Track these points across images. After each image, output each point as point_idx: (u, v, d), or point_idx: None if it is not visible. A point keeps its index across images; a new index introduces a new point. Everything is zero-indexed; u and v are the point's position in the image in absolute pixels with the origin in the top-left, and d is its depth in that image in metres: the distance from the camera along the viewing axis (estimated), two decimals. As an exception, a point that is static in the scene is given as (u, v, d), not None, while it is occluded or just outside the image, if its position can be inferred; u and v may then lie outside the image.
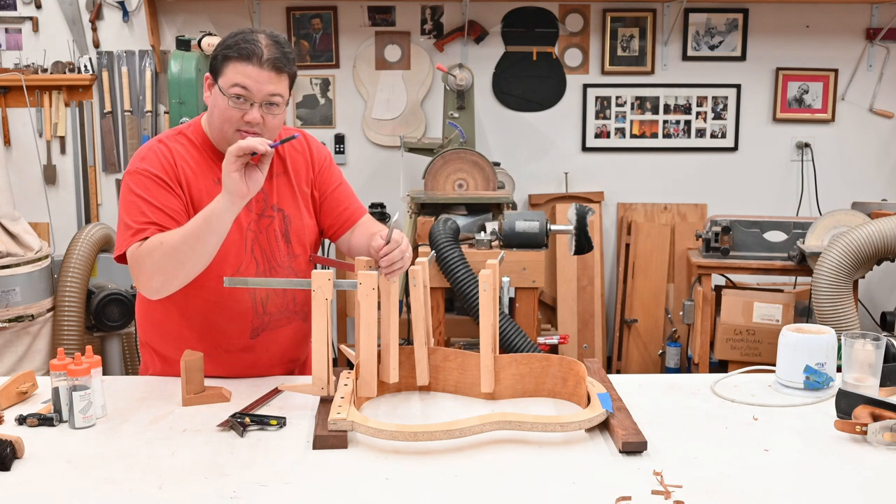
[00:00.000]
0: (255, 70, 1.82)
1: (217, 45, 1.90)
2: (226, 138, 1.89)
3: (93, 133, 4.53)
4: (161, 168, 1.87)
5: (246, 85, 1.82)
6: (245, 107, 1.84)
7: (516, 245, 3.18)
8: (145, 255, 1.79)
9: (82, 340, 3.73)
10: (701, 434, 1.66)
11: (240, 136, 1.86)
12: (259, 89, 1.83)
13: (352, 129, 4.62)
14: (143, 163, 1.88)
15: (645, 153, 4.68)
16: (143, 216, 1.82)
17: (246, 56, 1.82)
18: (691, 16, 4.56)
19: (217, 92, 1.86)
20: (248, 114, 1.85)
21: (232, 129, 1.87)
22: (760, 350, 3.92)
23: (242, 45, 1.82)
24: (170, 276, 1.80)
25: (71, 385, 1.66)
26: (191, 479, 1.45)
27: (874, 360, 1.80)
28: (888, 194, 4.63)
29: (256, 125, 1.85)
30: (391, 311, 1.81)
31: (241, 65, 1.82)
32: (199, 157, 1.93)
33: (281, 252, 2.01)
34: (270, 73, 1.83)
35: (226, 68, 1.84)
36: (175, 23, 4.46)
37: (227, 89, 1.84)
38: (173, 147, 1.92)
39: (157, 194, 1.85)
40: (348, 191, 2.14)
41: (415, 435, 1.56)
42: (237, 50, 1.83)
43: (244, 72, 1.82)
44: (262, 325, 2.00)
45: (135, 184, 1.86)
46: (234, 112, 1.85)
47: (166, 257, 1.77)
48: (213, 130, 1.92)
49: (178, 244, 1.77)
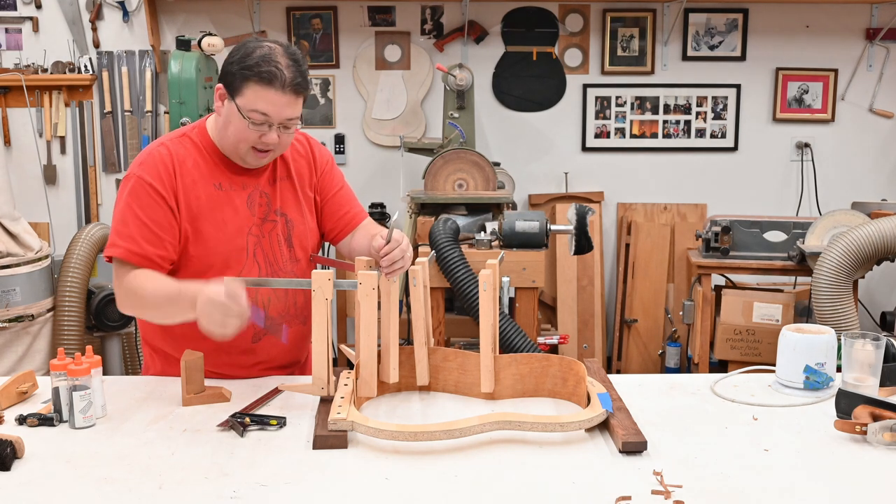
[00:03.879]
0: (276, 95, 1.81)
1: (234, 56, 1.85)
2: (239, 155, 1.91)
3: (93, 133, 4.53)
4: (157, 177, 1.87)
5: (267, 112, 1.82)
6: (263, 129, 1.84)
7: (516, 245, 3.18)
8: (123, 288, 1.87)
9: (82, 340, 3.73)
10: (701, 434, 1.66)
11: (254, 153, 1.89)
12: (279, 114, 1.83)
13: (352, 129, 4.62)
14: (141, 169, 1.88)
15: (645, 153, 4.68)
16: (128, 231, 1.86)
17: (268, 80, 1.80)
18: (691, 16, 4.56)
19: (234, 110, 1.84)
20: (265, 136, 1.85)
21: (247, 147, 1.88)
22: (760, 350, 3.92)
23: (264, 69, 1.79)
24: (138, 314, 1.97)
25: (71, 385, 1.66)
26: (191, 479, 1.45)
27: (874, 360, 1.80)
28: (888, 194, 4.63)
29: (273, 144, 1.87)
30: (391, 311, 1.81)
31: (262, 89, 1.80)
32: (202, 161, 1.93)
33: (283, 256, 2.01)
34: (291, 98, 1.83)
35: (245, 89, 1.82)
36: (175, 23, 4.46)
37: (246, 112, 1.82)
38: (176, 151, 1.92)
39: (149, 209, 1.86)
40: (349, 194, 2.14)
41: (415, 435, 1.56)
42: (258, 73, 1.80)
43: (266, 98, 1.81)
44: (263, 329, 2.00)
45: (130, 192, 1.88)
46: (252, 134, 1.85)
47: (136, 306, 1.89)
48: (226, 144, 1.92)
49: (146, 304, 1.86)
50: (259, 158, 1.91)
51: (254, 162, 1.92)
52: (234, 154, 1.92)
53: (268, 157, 1.93)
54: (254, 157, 1.91)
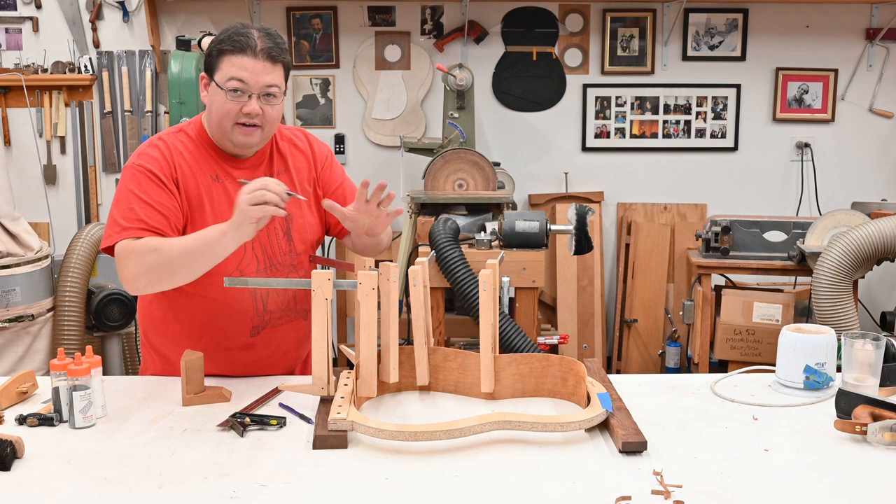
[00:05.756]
0: (250, 61, 1.84)
1: (210, 43, 1.91)
2: (225, 133, 1.90)
3: (93, 133, 4.53)
4: (157, 165, 1.88)
5: (242, 77, 1.84)
6: (243, 99, 1.86)
7: (516, 245, 3.18)
8: (136, 255, 1.79)
9: (82, 340, 3.73)
10: (701, 434, 1.66)
11: (239, 129, 1.88)
12: (256, 80, 1.84)
13: (352, 129, 4.62)
14: (139, 159, 1.90)
15: (645, 153, 4.68)
16: (132, 213, 1.84)
17: (240, 48, 1.83)
18: (691, 16, 4.56)
19: (214, 88, 1.87)
20: (246, 105, 1.86)
21: (231, 122, 1.88)
22: (760, 350, 3.92)
23: (236, 38, 1.84)
24: (156, 281, 1.82)
25: (71, 385, 1.66)
26: (191, 479, 1.45)
27: (874, 360, 1.80)
28: (888, 194, 4.63)
29: (256, 116, 1.87)
30: (391, 311, 1.81)
31: (235, 57, 1.84)
32: (197, 153, 1.94)
33: (282, 250, 2.01)
34: (266, 64, 1.85)
35: (221, 63, 1.85)
36: (175, 23, 4.46)
37: (223, 83, 1.85)
38: (171, 144, 1.93)
39: (151, 190, 1.85)
40: (351, 188, 2.15)
41: (415, 435, 1.56)
42: (230, 43, 1.84)
43: (240, 64, 1.84)
44: (262, 324, 2.00)
45: (129, 179, 1.88)
46: (233, 105, 1.86)
47: (159, 265, 1.79)
48: (213, 127, 1.93)
49: (174, 257, 1.78)
50: (246, 135, 1.89)
51: (242, 139, 1.90)
52: (222, 137, 1.92)
53: (255, 135, 1.90)
54: (241, 134, 1.89)
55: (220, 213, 1.92)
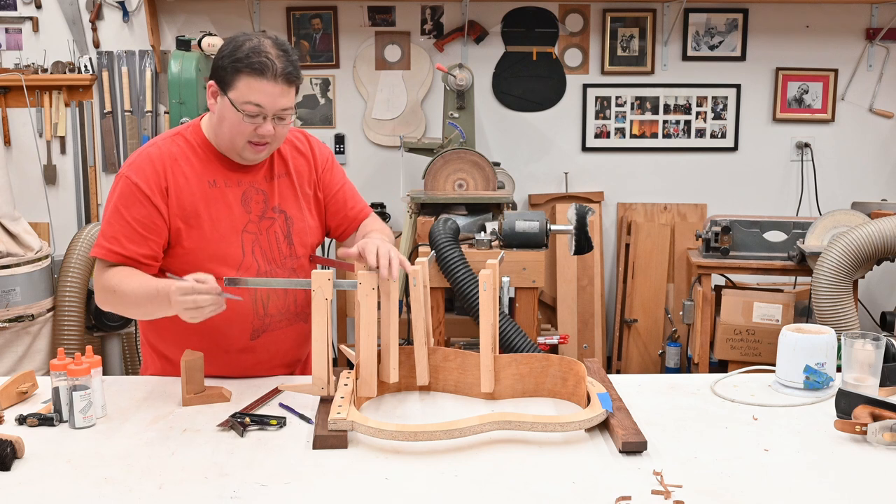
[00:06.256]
0: (269, 85, 1.81)
1: (223, 51, 1.86)
2: (235, 149, 1.91)
3: (93, 133, 4.53)
4: (144, 178, 1.88)
5: (260, 102, 1.82)
6: (258, 121, 1.85)
7: (516, 245, 3.18)
8: (101, 285, 1.90)
9: (82, 340, 3.73)
10: (701, 434, 1.66)
11: (250, 147, 1.89)
12: (273, 104, 1.83)
13: (352, 129, 4.62)
14: (130, 169, 1.90)
15: (645, 153, 4.68)
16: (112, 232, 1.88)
17: (259, 71, 1.80)
18: (691, 16, 4.56)
19: (227, 105, 1.85)
20: (261, 128, 1.85)
21: (243, 141, 1.88)
22: (760, 350, 3.92)
23: (255, 60, 1.80)
24: (118, 311, 1.94)
25: (71, 385, 1.66)
26: (191, 479, 1.45)
27: (874, 360, 1.80)
28: (888, 194, 4.63)
29: (268, 137, 1.87)
30: (391, 311, 1.81)
31: (254, 80, 1.81)
32: (195, 159, 1.93)
33: (283, 253, 2.01)
34: (283, 87, 1.83)
35: (237, 82, 1.82)
36: (175, 23, 4.46)
37: (240, 104, 1.83)
38: (167, 151, 1.92)
39: (134, 208, 1.87)
40: (352, 190, 2.15)
41: (415, 435, 1.56)
42: (249, 65, 1.80)
43: (259, 88, 1.81)
44: (262, 327, 2.00)
45: (118, 191, 1.90)
46: (247, 126, 1.85)
47: (115, 304, 1.89)
48: (222, 140, 1.92)
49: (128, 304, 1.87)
50: (256, 152, 1.91)
51: (251, 157, 1.92)
52: (231, 150, 1.92)
53: (265, 151, 1.92)
54: (251, 152, 1.90)
55: (216, 218, 1.92)
